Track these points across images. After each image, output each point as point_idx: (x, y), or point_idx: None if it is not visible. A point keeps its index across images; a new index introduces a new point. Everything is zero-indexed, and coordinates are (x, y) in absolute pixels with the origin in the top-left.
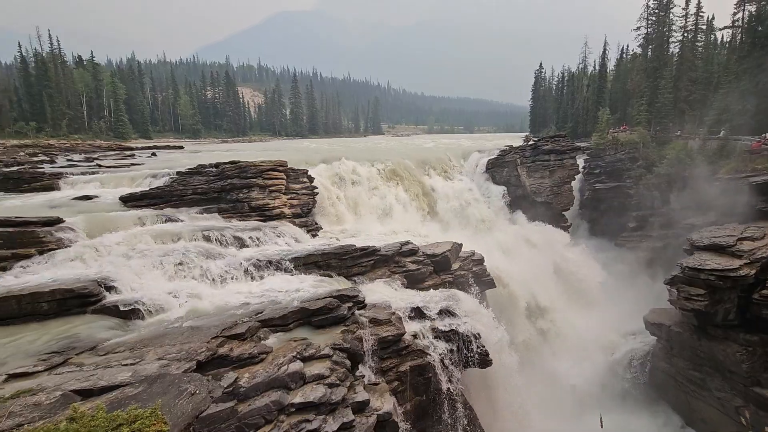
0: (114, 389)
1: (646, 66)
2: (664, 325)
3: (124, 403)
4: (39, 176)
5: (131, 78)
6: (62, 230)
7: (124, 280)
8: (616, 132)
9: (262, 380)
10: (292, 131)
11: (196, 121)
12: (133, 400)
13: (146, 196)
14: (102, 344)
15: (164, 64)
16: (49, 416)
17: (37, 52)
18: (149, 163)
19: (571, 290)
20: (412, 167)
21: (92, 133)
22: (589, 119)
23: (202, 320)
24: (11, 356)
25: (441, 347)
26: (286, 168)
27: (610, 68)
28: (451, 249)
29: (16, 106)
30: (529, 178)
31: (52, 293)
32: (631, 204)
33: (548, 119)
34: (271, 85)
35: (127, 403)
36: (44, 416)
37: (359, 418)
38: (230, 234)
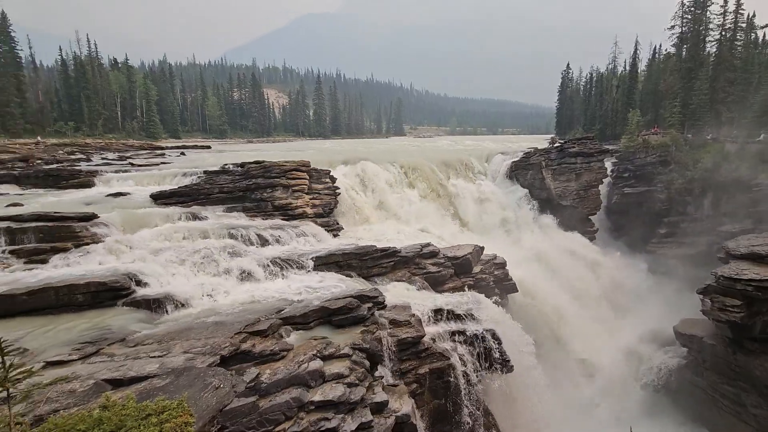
0: (143, 380)
1: (680, 66)
2: (696, 337)
3: (152, 394)
4: (76, 174)
5: (162, 80)
6: (97, 225)
7: (153, 275)
8: (646, 134)
9: (283, 377)
10: (315, 132)
11: (223, 122)
12: (160, 392)
13: (175, 194)
14: (131, 336)
15: (194, 67)
16: (83, 403)
17: (76, 55)
18: (178, 162)
19: (597, 298)
20: (433, 169)
21: (125, 132)
22: (618, 121)
23: (225, 316)
24: (49, 344)
25: (461, 351)
26: (308, 168)
27: (641, 68)
28: (472, 252)
29: (56, 106)
30: (554, 181)
31: (87, 285)
32: (662, 209)
33: (575, 121)
34: (295, 86)
35: (155, 394)
36: (78, 403)
37: (378, 419)
38: (254, 232)
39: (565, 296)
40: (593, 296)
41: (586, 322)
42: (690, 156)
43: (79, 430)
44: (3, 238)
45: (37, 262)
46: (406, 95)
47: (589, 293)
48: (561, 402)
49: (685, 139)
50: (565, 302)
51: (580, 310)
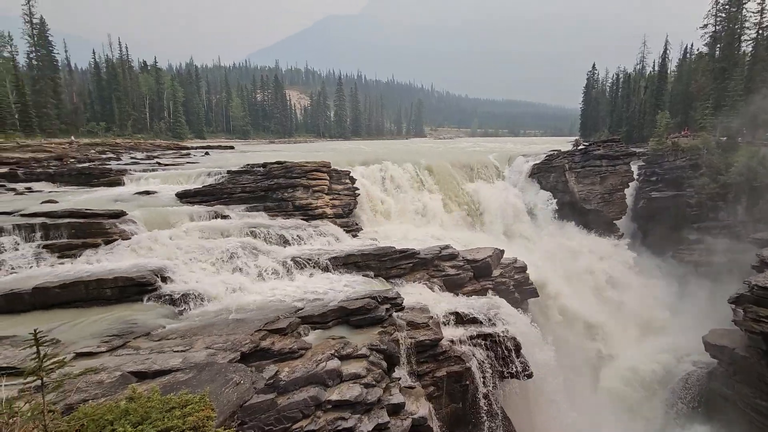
0: (166, 374)
1: (713, 66)
2: (726, 348)
3: (176, 388)
4: (106, 172)
5: (189, 82)
6: (125, 222)
7: (178, 272)
8: (676, 137)
9: (301, 375)
10: (335, 133)
11: (246, 123)
12: (183, 385)
13: (199, 193)
14: (156, 330)
15: (219, 69)
16: (110, 394)
17: (108, 58)
18: (203, 161)
19: (622, 305)
20: (453, 171)
21: (153, 132)
22: (645, 123)
23: (246, 313)
24: (79, 336)
25: (479, 355)
26: (329, 169)
27: (671, 69)
28: (492, 255)
29: (89, 107)
30: (577, 184)
31: (115, 280)
32: (691, 215)
33: (600, 123)
34: (316, 87)
35: (178, 388)
36: (105, 393)
37: (394, 420)
38: (275, 232)
39: (588, 301)
40: (618, 302)
41: (611, 328)
42: (722, 159)
43: (107, 419)
44: (38, 233)
45: (69, 257)
46: (426, 96)
47: (613, 299)
48: (582, 411)
49: (717, 142)
50: (588, 307)
51: (603, 315)
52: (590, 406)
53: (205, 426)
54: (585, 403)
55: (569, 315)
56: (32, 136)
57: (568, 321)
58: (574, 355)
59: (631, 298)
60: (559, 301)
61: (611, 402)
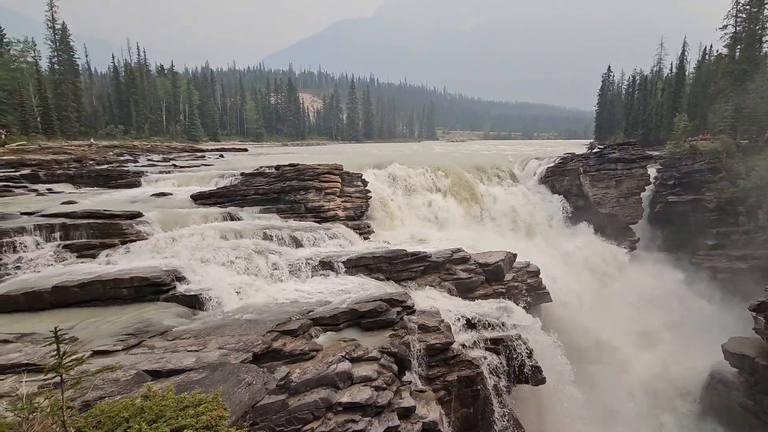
0: (180, 373)
1: (733, 68)
2: (747, 357)
3: (189, 387)
4: (124, 174)
5: (204, 85)
6: (141, 223)
7: (192, 272)
8: (694, 140)
9: (312, 377)
10: (347, 135)
11: (260, 125)
12: (196, 385)
13: (213, 194)
14: (171, 330)
15: (233, 72)
16: (126, 392)
17: (126, 62)
18: (217, 164)
19: (640, 311)
20: (465, 174)
21: (169, 135)
22: (662, 126)
23: (258, 314)
24: (96, 334)
25: (491, 360)
26: (341, 171)
27: (689, 71)
28: (504, 259)
29: (108, 110)
30: (592, 187)
31: (131, 280)
32: (710, 220)
33: (616, 126)
34: (329, 90)
35: (191, 387)
36: (121, 391)
37: (404, 424)
38: (287, 234)
39: (604, 306)
40: (636, 308)
41: (627, 335)
42: (743, 163)
43: (123, 417)
44: (58, 233)
45: (88, 257)
46: (439, 99)
47: (631, 305)
48: (596, 419)
49: (737, 146)
50: (604, 312)
51: (619, 321)
52: (604, 416)
53: (218, 425)
54: (598, 412)
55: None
56: (54, 139)
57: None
58: (585, 363)
59: (645, 304)
60: (572, 306)
61: (626, 412)
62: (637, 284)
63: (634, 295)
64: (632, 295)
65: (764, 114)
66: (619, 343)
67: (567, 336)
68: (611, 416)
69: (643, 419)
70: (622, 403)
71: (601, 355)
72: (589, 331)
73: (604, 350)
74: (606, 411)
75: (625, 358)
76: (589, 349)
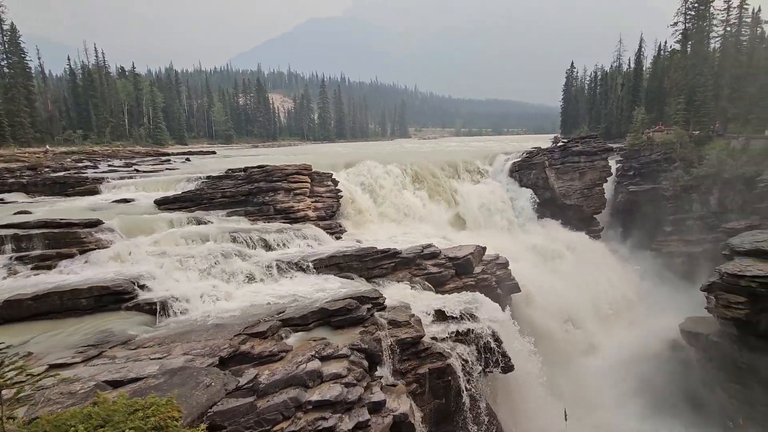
0: (139, 381)
1: (685, 63)
2: (701, 335)
3: (145, 392)
4: (82, 181)
5: (169, 87)
6: (101, 231)
7: (156, 279)
8: (651, 132)
9: (281, 377)
10: (320, 135)
11: (229, 127)
12: (154, 390)
13: (179, 199)
14: (133, 339)
15: (199, 73)
16: (81, 403)
17: (84, 64)
18: (183, 168)
19: (603, 298)
20: (436, 170)
21: (132, 139)
22: (623, 119)
23: (226, 318)
24: (53, 348)
25: (461, 350)
26: (310, 171)
27: (646, 66)
28: (473, 252)
29: (65, 115)
30: (557, 180)
31: (90, 290)
32: (667, 207)
33: (580, 120)
34: (300, 90)
35: (148, 392)
36: (78, 403)
37: (375, 418)
38: (256, 236)
39: (569, 295)
40: (598, 294)
41: (590, 320)
42: (695, 153)
43: (69, 425)
44: (10, 245)
45: (44, 268)
46: (410, 97)
47: (593, 291)
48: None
49: (690, 136)
50: (569, 301)
51: (584, 308)
52: (572, 397)
53: (169, 426)
54: (567, 394)
55: (549, 309)
56: (5, 146)
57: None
58: (553, 348)
59: (608, 290)
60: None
61: (592, 392)
62: (601, 270)
63: (599, 281)
64: (597, 280)
65: (713, 106)
66: (584, 327)
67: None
68: (578, 398)
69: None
70: (589, 388)
71: (568, 341)
72: (556, 317)
73: (570, 335)
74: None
75: (589, 341)
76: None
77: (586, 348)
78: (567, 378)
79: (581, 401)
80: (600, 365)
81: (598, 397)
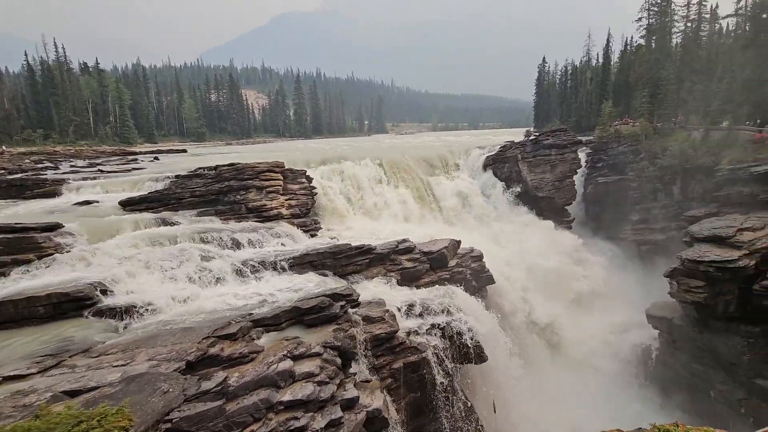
0: (96, 390)
1: (649, 57)
2: (665, 319)
3: (99, 402)
4: (41, 183)
5: (136, 83)
6: (61, 235)
7: (120, 284)
8: (618, 125)
9: (251, 379)
10: (296, 132)
11: (201, 125)
12: (108, 399)
13: (145, 200)
14: (96, 346)
15: (169, 69)
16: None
17: (43, 60)
18: (151, 167)
19: (574, 286)
20: (412, 165)
21: (98, 138)
22: (593, 112)
23: (196, 321)
24: (7, 359)
25: (435, 343)
26: (283, 169)
27: (614, 60)
28: (448, 246)
29: (24, 114)
30: (530, 173)
31: (48, 297)
32: (634, 197)
33: (552, 114)
34: (274, 86)
35: (101, 402)
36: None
37: (348, 415)
38: (227, 236)
39: (542, 285)
40: (569, 284)
41: (562, 309)
42: (659, 144)
43: None
44: None
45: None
46: (387, 92)
47: (565, 281)
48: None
49: (654, 128)
50: (541, 291)
51: (555, 298)
52: (546, 385)
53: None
54: (541, 382)
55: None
56: None
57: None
58: (525, 338)
59: (579, 279)
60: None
61: (564, 379)
62: (572, 259)
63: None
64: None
65: (675, 99)
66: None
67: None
68: (552, 385)
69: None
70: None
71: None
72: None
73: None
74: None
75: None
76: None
77: (553, 336)
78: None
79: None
80: (568, 353)
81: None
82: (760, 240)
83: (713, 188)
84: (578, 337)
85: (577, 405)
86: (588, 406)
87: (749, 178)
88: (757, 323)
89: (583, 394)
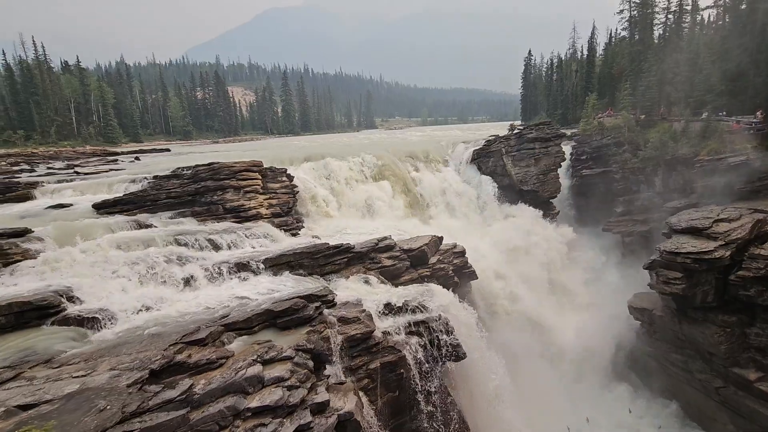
0: (38, 406)
1: (631, 50)
2: (646, 310)
3: (29, 422)
4: (13, 186)
5: (119, 82)
6: (30, 241)
7: (88, 290)
8: (602, 117)
9: (218, 386)
10: (284, 129)
11: (187, 123)
12: (45, 418)
13: (119, 202)
14: (58, 356)
15: (153, 67)
16: None
17: (22, 59)
18: (130, 168)
19: (557, 278)
20: (397, 161)
21: (81, 138)
22: (578, 105)
23: (165, 327)
24: None
25: (413, 342)
26: (261, 168)
27: (598, 53)
28: (429, 243)
29: (3, 115)
30: (514, 167)
31: (9, 306)
32: (617, 189)
33: (539, 106)
34: (261, 83)
35: (32, 422)
36: None
37: (318, 419)
38: (203, 237)
39: (526, 278)
40: (553, 275)
41: (547, 301)
42: (641, 136)
43: None
44: None
45: None
46: (375, 88)
47: (548, 272)
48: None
49: (636, 120)
50: (526, 285)
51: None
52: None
53: None
54: (522, 374)
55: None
56: None
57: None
58: (506, 331)
59: (563, 271)
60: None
61: (546, 369)
62: (557, 252)
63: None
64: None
65: (657, 90)
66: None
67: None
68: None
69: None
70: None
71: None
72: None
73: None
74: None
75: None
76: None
77: (533, 326)
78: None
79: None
80: (553, 345)
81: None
82: (735, 231)
83: (693, 179)
84: (560, 327)
85: (557, 394)
86: (568, 395)
87: (727, 169)
88: (734, 313)
89: (564, 383)
